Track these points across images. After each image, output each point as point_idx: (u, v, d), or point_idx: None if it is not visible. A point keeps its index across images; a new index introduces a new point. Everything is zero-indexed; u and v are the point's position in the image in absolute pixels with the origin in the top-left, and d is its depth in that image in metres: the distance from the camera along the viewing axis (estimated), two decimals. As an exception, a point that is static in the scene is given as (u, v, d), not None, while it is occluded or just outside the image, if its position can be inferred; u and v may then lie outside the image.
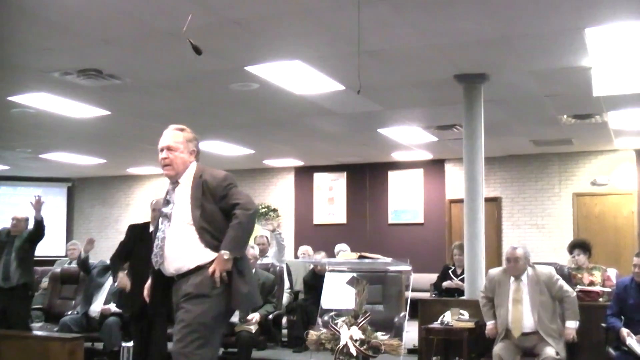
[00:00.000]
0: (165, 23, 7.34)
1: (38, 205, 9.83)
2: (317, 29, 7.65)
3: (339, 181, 17.98)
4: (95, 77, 9.37)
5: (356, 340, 5.79)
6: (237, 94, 10.34)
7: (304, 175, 18.63)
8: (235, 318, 8.94)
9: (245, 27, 7.54)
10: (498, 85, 9.74)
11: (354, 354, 5.78)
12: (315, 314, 7.15)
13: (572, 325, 7.36)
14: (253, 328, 8.69)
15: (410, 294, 7.31)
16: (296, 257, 13.44)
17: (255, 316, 8.79)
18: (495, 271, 7.93)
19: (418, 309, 8.91)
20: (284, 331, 10.43)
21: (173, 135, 5.21)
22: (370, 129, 13.25)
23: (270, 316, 9.04)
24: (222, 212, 5.07)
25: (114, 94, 10.22)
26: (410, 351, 8.76)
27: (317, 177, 18.41)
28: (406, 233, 17.13)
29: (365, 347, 5.81)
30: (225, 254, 4.88)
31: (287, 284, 11.08)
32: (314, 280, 10.19)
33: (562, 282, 7.54)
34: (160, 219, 5.18)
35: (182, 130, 5.25)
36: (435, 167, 17.18)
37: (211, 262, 4.92)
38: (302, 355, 9.40)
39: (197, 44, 6.19)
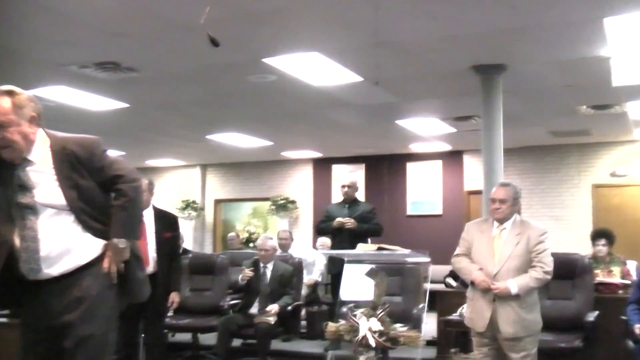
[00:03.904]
0: (182, 15, 7.34)
1: None
2: (334, 20, 7.64)
3: (358, 173, 17.92)
4: (112, 70, 9.40)
5: (375, 332, 5.79)
6: (254, 86, 10.34)
7: (323, 167, 18.65)
8: (254, 309, 8.98)
9: (263, 19, 7.54)
10: (516, 76, 9.70)
11: (373, 345, 5.78)
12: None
13: (511, 283, 6.03)
14: (272, 319, 8.70)
15: (429, 286, 7.29)
16: (315, 248, 13.45)
17: (274, 307, 8.80)
18: (474, 221, 6.75)
19: (436, 301, 8.90)
20: (303, 322, 10.46)
21: None
22: (388, 120, 13.25)
23: (289, 307, 9.04)
24: (99, 186, 4.07)
25: (132, 86, 10.26)
26: (429, 343, 8.75)
27: (336, 168, 18.40)
28: (424, 224, 17.12)
29: (384, 338, 5.81)
30: (120, 242, 4.01)
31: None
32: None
33: (545, 248, 6.20)
34: (15, 214, 3.93)
35: (9, 94, 3.89)
36: (453, 158, 17.17)
37: (103, 253, 4.03)
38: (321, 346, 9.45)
39: (214, 36, 6.19)
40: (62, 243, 3.93)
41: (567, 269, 7.95)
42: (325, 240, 11.47)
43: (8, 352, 4.66)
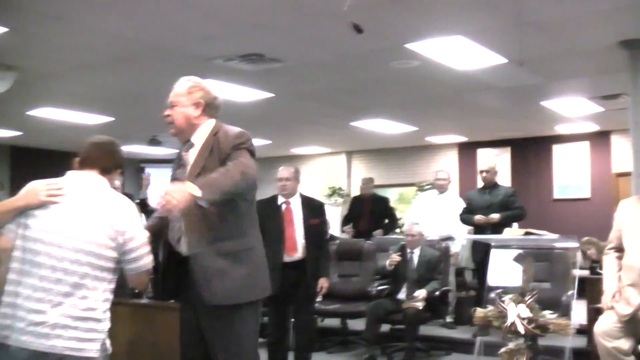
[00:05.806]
0: (323, 3, 7.39)
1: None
2: (477, 2, 7.54)
3: (503, 156, 17.69)
4: (257, 62, 9.56)
5: (524, 319, 5.73)
6: (397, 72, 10.34)
7: (468, 151, 18.46)
8: (402, 295, 9.01)
9: (405, 4, 7.52)
10: (666, 51, 9.38)
11: (522, 332, 5.72)
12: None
13: None
14: (420, 305, 8.71)
15: (577, 272, 7.14)
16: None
17: (421, 293, 8.81)
18: (629, 198, 6.05)
19: (586, 288, 8.70)
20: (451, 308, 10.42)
21: (177, 87, 4.42)
22: (533, 102, 13.00)
23: (437, 293, 9.02)
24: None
25: (276, 76, 10.41)
26: (579, 332, 8.57)
27: (481, 152, 18.20)
28: (572, 208, 16.72)
29: (533, 325, 5.73)
30: (195, 189, 3.76)
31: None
32: None
33: None
34: None
35: (189, 79, 4.45)
36: (601, 139, 16.67)
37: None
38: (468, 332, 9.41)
39: (358, 23, 6.22)
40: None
41: None
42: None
43: (169, 333, 4.84)
